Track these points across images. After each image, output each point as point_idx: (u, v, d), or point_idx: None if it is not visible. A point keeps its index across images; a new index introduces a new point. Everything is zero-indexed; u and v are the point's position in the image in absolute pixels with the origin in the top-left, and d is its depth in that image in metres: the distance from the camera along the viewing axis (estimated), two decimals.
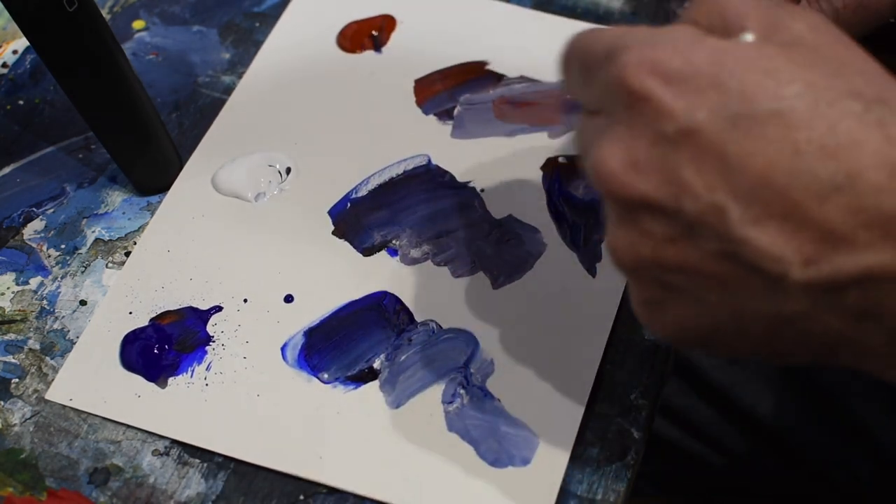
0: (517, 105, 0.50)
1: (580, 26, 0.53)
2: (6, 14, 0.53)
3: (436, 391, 0.41)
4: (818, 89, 0.26)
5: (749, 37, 0.28)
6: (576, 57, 0.30)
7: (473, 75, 0.51)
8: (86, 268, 0.45)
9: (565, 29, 0.53)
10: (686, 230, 0.27)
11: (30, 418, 0.41)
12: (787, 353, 0.29)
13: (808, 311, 0.27)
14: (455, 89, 0.51)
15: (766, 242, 0.26)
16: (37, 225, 0.47)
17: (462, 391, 0.41)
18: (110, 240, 0.46)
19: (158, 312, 0.43)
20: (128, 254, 0.46)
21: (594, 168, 0.28)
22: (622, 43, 0.28)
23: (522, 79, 0.51)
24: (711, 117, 0.26)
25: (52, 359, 0.42)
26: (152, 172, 0.47)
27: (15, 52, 0.53)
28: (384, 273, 0.44)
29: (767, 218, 0.26)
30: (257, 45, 0.53)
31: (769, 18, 0.28)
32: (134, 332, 0.43)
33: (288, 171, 0.48)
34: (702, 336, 0.30)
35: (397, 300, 0.43)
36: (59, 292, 0.44)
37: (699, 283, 0.28)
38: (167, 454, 0.40)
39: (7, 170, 0.49)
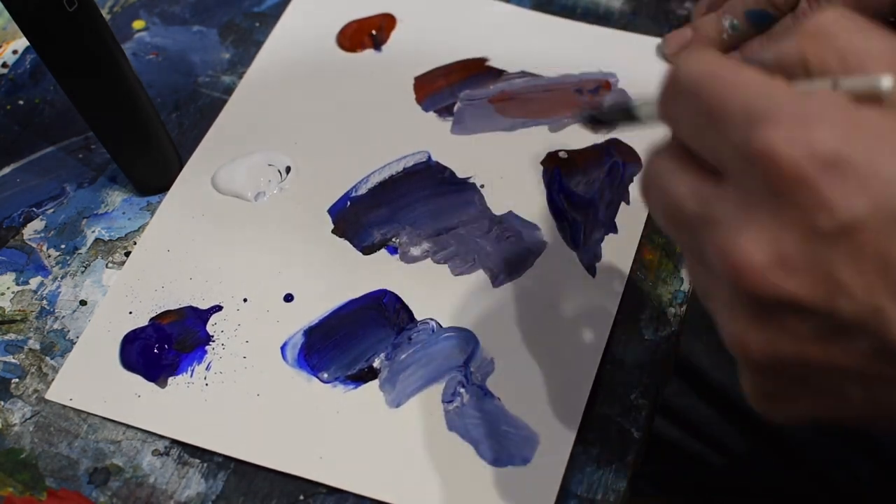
0: (518, 100, 0.50)
1: (580, 26, 0.53)
2: (6, 14, 0.53)
3: (436, 390, 0.41)
4: None
5: (886, 82, 0.25)
6: (698, 99, 0.26)
7: (474, 71, 0.51)
8: (86, 268, 0.45)
9: (565, 29, 0.53)
10: (836, 330, 0.25)
11: (30, 418, 0.41)
12: None
13: None
14: (456, 85, 0.51)
15: None
16: (37, 225, 0.47)
17: (462, 390, 0.40)
18: (110, 240, 0.46)
19: (158, 312, 0.43)
20: (128, 254, 0.46)
21: (730, 259, 0.25)
22: (767, 109, 0.24)
23: (523, 74, 0.51)
24: (873, 212, 0.23)
25: (52, 359, 0.42)
26: (152, 172, 0.47)
27: (15, 52, 0.53)
28: (384, 271, 0.44)
29: None
30: (257, 45, 0.53)
31: None
32: (134, 331, 0.43)
33: (288, 170, 0.48)
34: (830, 421, 0.28)
35: (397, 299, 0.43)
36: (59, 292, 0.44)
37: (844, 380, 0.26)
38: (167, 454, 0.40)
39: (7, 170, 0.49)
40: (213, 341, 0.42)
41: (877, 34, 0.26)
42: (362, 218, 0.46)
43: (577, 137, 0.48)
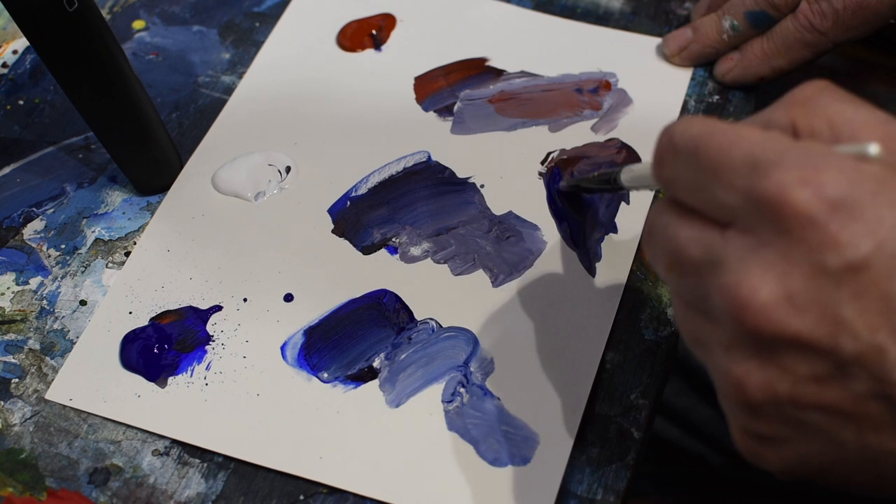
0: (517, 100, 0.50)
1: (580, 26, 0.53)
2: (6, 14, 0.54)
3: (436, 390, 0.41)
4: None
5: (874, 149, 0.26)
6: (696, 157, 0.27)
7: (474, 71, 0.51)
8: (86, 268, 0.45)
9: (565, 29, 0.53)
10: (836, 370, 0.25)
11: (30, 418, 0.41)
12: None
13: None
14: (456, 85, 0.51)
15: None
16: (37, 225, 0.47)
17: (462, 390, 0.40)
18: (110, 240, 0.46)
19: (158, 312, 0.43)
20: (128, 254, 0.46)
21: (736, 296, 0.25)
22: (773, 157, 0.25)
23: (523, 74, 0.51)
24: (878, 253, 0.24)
25: (52, 359, 0.42)
26: (152, 172, 0.47)
27: (15, 52, 0.53)
28: (384, 271, 0.44)
29: None
30: (257, 45, 0.53)
31: (887, 132, 0.26)
32: (134, 331, 0.43)
33: (288, 170, 0.48)
34: (818, 471, 0.28)
35: (397, 298, 0.43)
36: (59, 292, 0.44)
37: (836, 423, 0.26)
38: (167, 454, 0.40)
39: (7, 170, 0.49)
40: (213, 341, 0.42)
41: (860, 104, 0.27)
42: (362, 218, 0.46)
43: (577, 137, 0.48)
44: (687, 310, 0.29)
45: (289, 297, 0.44)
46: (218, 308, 0.43)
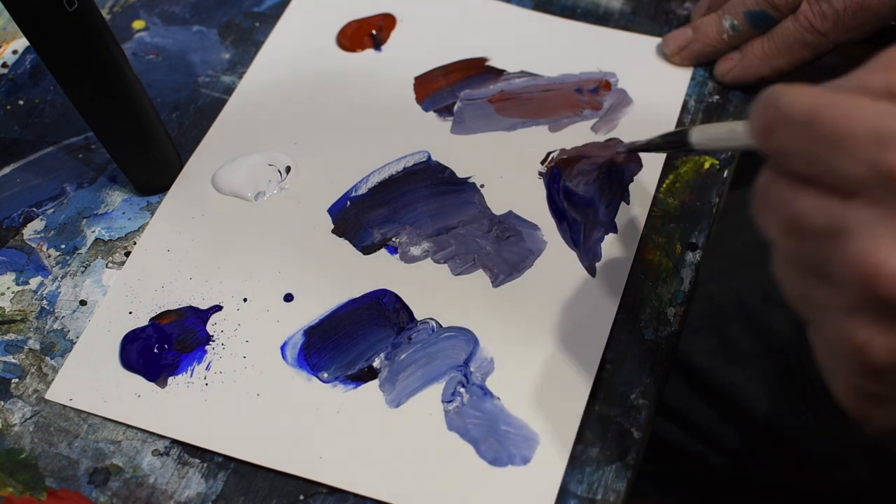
0: (517, 100, 0.50)
1: (580, 26, 0.53)
2: (6, 14, 0.54)
3: (436, 390, 0.41)
4: None
5: None
6: (813, 127, 0.28)
7: (474, 71, 0.51)
8: (86, 268, 0.45)
9: (565, 29, 0.53)
10: None
11: (30, 418, 0.41)
12: None
13: None
14: (456, 85, 0.51)
15: None
16: (37, 225, 0.47)
17: (462, 390, 0.40)
18: (110, 240, 0.46)
19: (158, 312, 0.43)
20: (128, 254, 0.46)
21: (867, 264, 0.26)
22: None
23: (523, 74, 0.51)
24: None
25: (52, 359, 0.42)
26: (152, 172, 0.47)
27: (15, 52, 0.53)
28: (384, 271, 0.44)
29: None
30: (257, 45, 0.53)
31: None
32: (134, 331, 0.43)
33: (288, 170, 0.48)
34: None
35: (397, 298, 0.43)
36: (59, 292, 0.44)
37: None
38: (167, 454, 0.40)
39: (7, 170, 0.49)
40: (213, 341, 0.42)
41: None
42: (362, 218, 0.46)
43: (577, 137, 0.48)
44: (800, 273, 0.29)
45: (289, 297, 0.44)
46: (218, 308, 0.43)
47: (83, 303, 0.44)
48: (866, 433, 0.31)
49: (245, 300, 0.44)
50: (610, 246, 0.45)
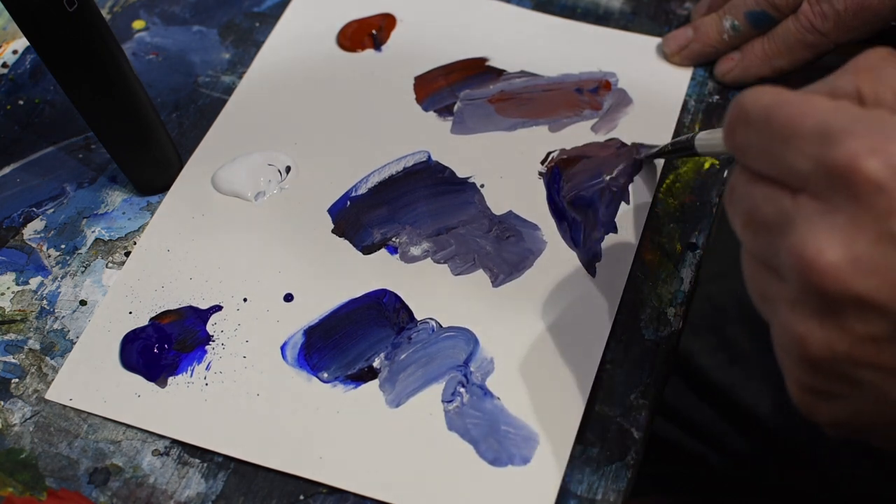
0: (518, 100, 0.50)
1: (580, 26, 0.53)
2: (6, 14, 0.54)
3: (436, 390, 0.41)
4: None
5: None
6: (769, 125, 0.28)
7: (474, 71, 0.51)
8: (86, 268, 0.45)
9: (565, 29, 0.53)
10: (894, 332, 0.26)
11: (30, 418, 0.41)
12: None
13: None
14: (456, 85, 0.51)
15: None
16: (37, 225, 0.47)
17: (462, 390, 0.40)
18: (110, 240, 0.46)
19: (158, 312, 0.43)
20: (128, 254, 0.46)
21: (803, 256, 0.26)
22: (843, 126, 0.26)
23: (523, 73, 0.51)
24: None
25: (52, 359, 0.42)
26: (152, 172, 0.47)
27: (15, 52, 0.53)
28: (384, 271, 0.44)
29: None
30: (257, 45, 0.53)
31: None
32: (134, 331, 0.43)
33: (288, 170, 0.48)
34: (870, 427, 0.29)
35: (397, 298, 0.43)
36: (59, 292, 0.44)
37: (890, 382, 0.27)
38: (167, 454, 0.40)
39: (7, 170, 0.49)
40: (213, 341, 0.42)
41: None
42: (362, 218, 0.46)
43: (577, 137, 0.48)
44: (757, 266, 0.30)
45: (289, 297, 0.44)
46: (218, 308, 0.43)
47: (83, 303, 0.44)
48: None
49: (245, 300, 0.44)
50: (610, 246, 0.45)
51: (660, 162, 0.47)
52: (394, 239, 0.45)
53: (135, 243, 0.46)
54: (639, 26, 0.53)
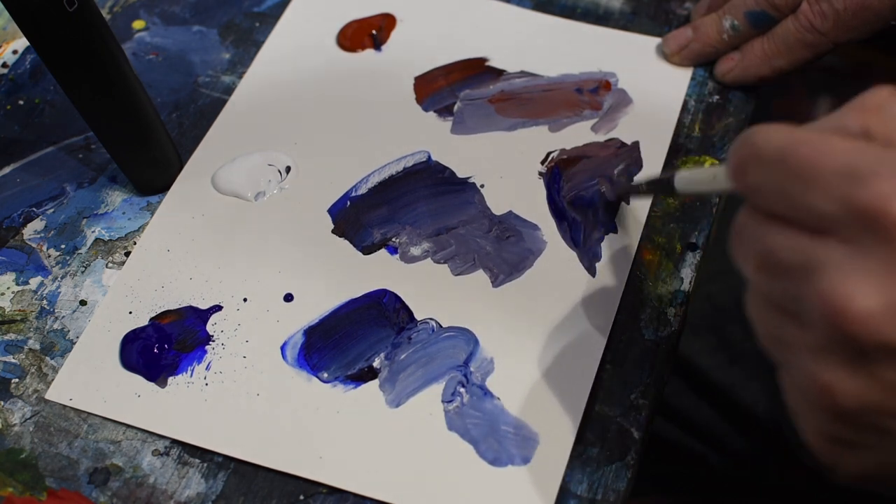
0: (517, 100, 0.50)
1: (580, 26, 0.53)
2: (6, 14, 0.54)
3: (435, 390, 0.41)
4: None
5: None
6: (785, 165, 0.27)
7: (474, 71, 0.51)
8: (86, 268, 0.45)
9: (565, 29, 0.53)
10: None
11: (30, 418, 0.41)
12: None
13: None
14: (456, 85, 0.51)
15: None
16: (37, 225, 0.47)
17: (462, 390, 0.40)
18: (110, 240, 0.46)
19: (158, 312, 0.43)
20: (128, 254, 0.46)
21: (833, 302, 0.25)
22: (868, 166, 0.25)
23: (523, 73, 0.51)
24: None
25: (52, 359, 0.42)
26: (152, 172, 0.47)
27: (15, 52, 0.53)
28: (384, 271, 0.44)
29: None
30: (257, 45, 0.53)
31: None
32: (134, 331, 0.43)
33: (288, 170, 0.48)
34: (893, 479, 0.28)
35: (397, 298, 0.43)
36: (59, 292, 0.44)
37: None
38: (167, 454, 0.40)
39: (7, 170, 0.49)
40: (213, 341, 0.42)
41: None
42: (362, 218, 0.46)
43: (577, 137, 0.48)
44: (771, 310, 0.29)
45: (289, 297, 0.44)
46: (218, 308, 0.43)
47: (83, 303, 0.44)
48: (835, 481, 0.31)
49: (245, 300, 0.44)
50: (610, 246, 0.45)
51: (659, 162, 0.47)
52: (394, 239, 0.45)
53: (135, 243, 0.46)
54: (639, 26, 0.53)
